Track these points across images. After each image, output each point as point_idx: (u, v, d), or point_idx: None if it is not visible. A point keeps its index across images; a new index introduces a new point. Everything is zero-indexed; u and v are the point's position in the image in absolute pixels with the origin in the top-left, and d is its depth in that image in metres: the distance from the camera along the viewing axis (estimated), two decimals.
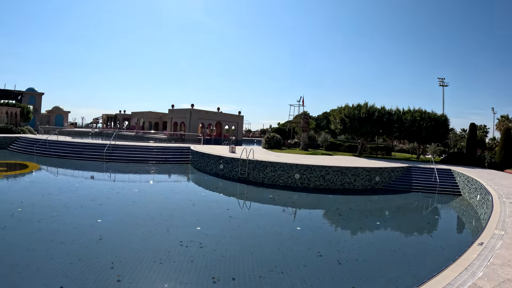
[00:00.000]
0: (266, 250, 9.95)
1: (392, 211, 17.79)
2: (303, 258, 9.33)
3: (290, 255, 9.55)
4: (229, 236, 11.08)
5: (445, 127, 34.03)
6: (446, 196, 21.67)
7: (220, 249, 9.64)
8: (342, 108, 36.02)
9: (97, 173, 24.23)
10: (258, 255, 9.46)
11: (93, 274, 7.57)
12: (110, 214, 12.97)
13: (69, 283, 7.12)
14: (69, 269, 7.77)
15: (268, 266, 8.62)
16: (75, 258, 8.38)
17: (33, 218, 11.62)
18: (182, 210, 14.31)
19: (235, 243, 10.48)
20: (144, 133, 60.23)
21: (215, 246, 9.89)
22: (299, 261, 9.08)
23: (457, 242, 11.77)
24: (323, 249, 10.29)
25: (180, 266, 8.29)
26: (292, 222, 13.54)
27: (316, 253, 9.81)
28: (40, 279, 7.26)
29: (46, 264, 7.99)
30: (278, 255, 9.51)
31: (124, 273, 7.72)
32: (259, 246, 10.32)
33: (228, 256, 9.16)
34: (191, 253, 9.20)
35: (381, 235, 13.02)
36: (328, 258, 9.52)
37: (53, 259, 8.27)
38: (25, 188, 17.71)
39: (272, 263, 8.82)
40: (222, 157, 24.57)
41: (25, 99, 74.79)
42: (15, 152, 33.51)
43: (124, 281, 7.31)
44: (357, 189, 21.65)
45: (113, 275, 7.55)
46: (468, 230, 14.65)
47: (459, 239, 12.46)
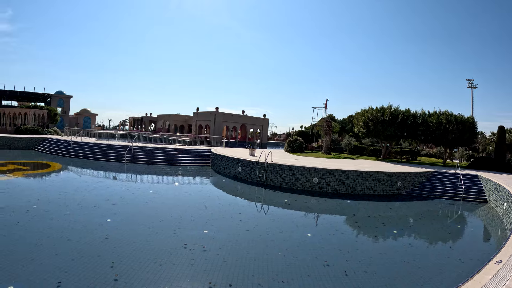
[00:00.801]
0: (271, 257, 9.55)
1: (411, 219, 16.79)
2: (308, 267, 8.89)
3: (295, 263, 9.14)
4: (234, 241, 10.82)
5: (473, 131, 32.44)
6: (471, 204, 20.53)
7: (223, 254, 9.45)
8: (365, 111, 35.09)
9: (116, 173, 24.53)
10: (261, 261, 9.13)
11: (92, 272, 7.68)
12: (120, 214, 13.13)
13: (67, 278, 7.25)
14: (70, 265, 7.94)
15: (269, 273, 8.31)
16: (77, 255, 8.59)
17: (46, 215, 12.07)
18: (193, 212, 14.17)
19: (240, 248, 10.20)
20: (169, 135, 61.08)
21: (218, 250, 9.70)
22: (303, 270, 8.66)
23: (478, 255, 10.73)
24: (331, 258, 9.78)
25: (178, 269, 8.20)
26: (304, 228, 12.95)
27: (323, 262, 9.35)
28: (40, 273, 7.47)
29: (50, 259, 8.24)
30: (282, 263, 9.13)
31: (122, 272, 7.75)
32: (264, 252, 9.95)
33: (230, 261, 8.94)
34: (192, 256, 9.08)
35: (396, 245, 12.16)
36: (335, 268, 9.01)
37: (57, 255, 8.51)
38: (44, 186, 18.46)
39: (274, 271, 8.48)
40: (240, 160, 24.36)
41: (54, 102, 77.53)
42: (41, 152, 34.82)
43: (120, 281, 7.33)
44: (378, 195, 20.84)
45: (111, 274, 7.62)
46: (492, 242, 13.52)
47: (481, 252, 11.29)
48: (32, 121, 47.85)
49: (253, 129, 67.58)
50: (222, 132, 61.31)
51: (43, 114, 50.15)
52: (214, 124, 57.46)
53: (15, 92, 70.82)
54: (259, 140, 66.54)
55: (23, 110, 49.00)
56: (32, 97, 73.74)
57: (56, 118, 54.90)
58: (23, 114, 48.11)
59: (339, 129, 53.30)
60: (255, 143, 63.61)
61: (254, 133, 69.02)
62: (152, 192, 18.39)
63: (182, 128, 74.44)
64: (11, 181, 18.48)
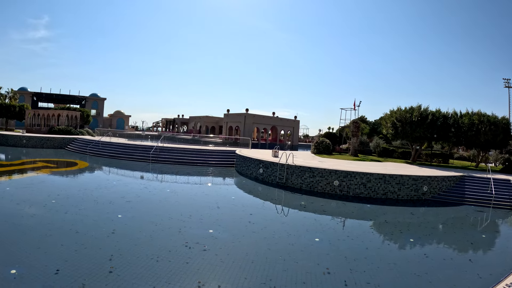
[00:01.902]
0: (270, 260, 9.27)
1: (432, 226, 15.48)
2: (307, 274, 8.51)
3: (293, 269, 8.79)
4: (237, 242, 10.69)
5: (507, 132, 30.36)
6: (501, 211, 18.98)
7: (221, 254, 9.37)
8: (393, 111, 33.66)
9: (138, 172, 25.01)
10: (259, 264, 8.89)
11: (91, 263, 8.08)
12: (132, 211, 13.51)
13: (66, 267, 7.72)
14: (72, 256, 8.42)
15: (263, 278, 8.07)
16: (81, 247, 9.06)
17: (61, 210, 12.75)
18: (204, 212, 14.16)
19: (241, 249, 10.02)
20: (200, 136, 61.87)
21: (218, 250, 9.64)
22: (299, 277, 8.31)
23: (500, 270, 9.58)
24: (334, 265, 9.28)
25: (172, 267, 8.27)
26: (313, 233, 12.47)
27: (325, 269, 8.91)
28: (43, 260, 8.04)
29: (54, 249, 8.79)
30: (280, 267, 8.82)
31: (118, 265, 8.04)
32: (264, 255, 9.68)
33: (227, 262, 8.82)
34: (190, 255, 9.12)
35: (409, 255, 11.19)
36: (335, 276, 8.54)
37: (62, 246, 9.05)
38: (66, 183, 19.45)
39: (268, 275, 8.20)
40: (262, 161, 24.15)
41: (89, 104, 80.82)
42: (71, 151, 36.32)
43: (114, 273, 7.62)
44: (402, 199, 19.90)
45: (107, 266, 7.95)
46: None
47: (502, 267, 10.04)
48: (65, 122, 50.09)
49: (284, 130, 67.09)
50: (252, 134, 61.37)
51: (75, 116, 52.39)
52: (244, 125, 57.54)
53: (51, 94, 74.45)
54: (290, 142, 66.04)
55: (56, 111, 51.35)
56: (67, 99, 77.33)
57: (88, 119, 57.09)
58: (56, 116, 50.34)
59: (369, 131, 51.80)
60: (285, 145, 63.25)
61: (285, 135, 68.50)
62: (169, 191, 18.70)
63: (214, 129, 75.11)
64: (37, 177, 19.73)
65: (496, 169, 31.21)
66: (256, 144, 54.81)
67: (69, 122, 50.84)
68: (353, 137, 36.26)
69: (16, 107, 55.89)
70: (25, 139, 38.65)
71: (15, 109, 55.54)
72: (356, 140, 36.33)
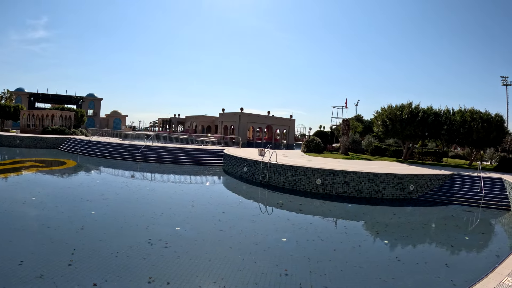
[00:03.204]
0: (228, 259, 9.03)
1: (412, 227, 14.55)
2: (262, 275, 8.16)
3: (249, 269, 8.48)
4: (201, 240, 10.57)
5: (501, 129, 29.55)
6: (491, 211, 18.30)
7: (180, 252, 9.34)
8: (384, 109, 33.09)
9: (124, 171, 25.03)
10: (215, 263, 8.74)
11: (53, 256, 8.40)
12: (107, 208, 13.73)
13: (30, 258, 8.14)
14: (38, 249, 8.83)
15: (215, 277, 7.92)
16: (49, 241, 9.49)
17: (39, 206, 13.24)
18: (177, 210, 14.31)
19: (202, 247, 9.91)
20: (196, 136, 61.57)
21: (179, 247, 9.64)
22: (253, 277, 7.99)
23: (476, 276, 8.39)
24: (294, 267, 8.87)
25: (128, 262, 8.38)
26: (282, 232, 12.11)
27: (283, 271, 8.53)
28: (10, 252, 8.47)
29: (23, 243, 9.24)
30: (236, 267, 8.54)
31: (78, 259, 8.25)
32: (224, 253, 9.46)
33: (183, 260, 8.79)
34: (150, 251, 9.18)
35: (380, 257, 10.35)
36: (291, 278, 8.14)
37: (31, 239, 9.52)
38: (50, 181, 19.74)
39: (221, 275, 8.02)
40: (246, 160, 23.78)
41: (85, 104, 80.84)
42: (63, 151, 36.30)
43: (72, 266, 7.86)
44: (387, 199, 19.40)
45: (67, 260, 8.18)
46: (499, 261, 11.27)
47: (480, 272, 8.68)
48: (59, 122, 50.21)
49: (279, 129, 66.63)
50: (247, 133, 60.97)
51: (69, 116, 52.55)
52: (239, 125, 57.17)
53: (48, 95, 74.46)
54: (285, 141, 65.59)
55: (50, 112, 51.50)
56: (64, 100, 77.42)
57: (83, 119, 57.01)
58: (50, 116, 50.42)
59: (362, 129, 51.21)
60: (281, 144, 62.79)
61: (281, 134, 68.00)
62: (148, 189, 18.73)
63: (209, 129, 74.82)
64: (23, 176, 20.21)
65: (490, 167, 30.60)
66: (251, 143, 54.42)
67: (63, 122, 51.03)
68: (343, 135, 35.71)
69: (11, 107, 56.00)
70: (19, 139, 38.75)
71: (10, 110, 55.62)
72: (346, 139, 35.80)
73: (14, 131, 47.44)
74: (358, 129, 49.09)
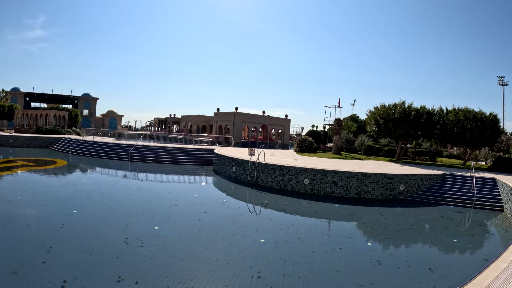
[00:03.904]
0: (201, 260, 8.93)
1: (399, 228, 13.86)
2: (233, 277, 7.97)
3: (221, 270, 8.32)
4: (177, 239, 10.47)
5: (495, 128, 29.14)
6: (483, 212, 17.76)
7: (155, 251, 9.22)
8: (377, 108, 32.76)
9: (112, 170, 24.88)
10: (188, 263, 8.60)
11: (30, 253, 8.54)
12: (90, 207, 13.72)
13: (6, 256, 8.26)
14: (16, 246, 8.95)
15: (185, 277, 7.77)
16: (26, 238, 9.56)
17: (23, 205, 13.36)
18: (159, 209, 14.10)
19: (177, 247, 9.79)
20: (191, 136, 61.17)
21: (154, 247, 9.52)
22: (224, 279, 7.84)
23: (460, 282, 7.86)
24: (268, 269, 8.57)
25: (101, 260, 8.37)
26: (262, 233, 11.81)
27: (255, 273, 8.26)
28: None
29: (3, 239, 9.33)
30: (208, 268, 8.43)
31: (51, 256, 8.33)
32: (198, 254, 9.32)
33: (156, 259, 8.67)
34: (124, 250, 9.15)
35: (360, 260, 9.80)
36: (263, 281, 7.85)
37: (11, 237, 9.62)
38: (37, 180, 19.74)
39: (192, 275, 7.90)
40: (234, 159, 23.46)
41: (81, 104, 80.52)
42: (55, 150, 36.00)
43: (47, 263, 7.97)
44: (376, 199, 19.06)
45: (42, 257, 8.27)
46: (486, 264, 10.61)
47: (465, 278, 7.97)
48: (52, 121, 49.93)
49: (274, 129, 66.20)
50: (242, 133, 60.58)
51: (63, 115, 52.24)
52: (234, 124, 56.73)
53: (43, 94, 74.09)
54: (281, 140, 65.19)
55: (44, 111, 51.21)
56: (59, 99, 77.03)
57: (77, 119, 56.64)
58: (44, 115, 50.12)
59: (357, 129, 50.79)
60: (276, 144, 62.40)
61: (277, 134, 67.57)
62: (134, 189, 18.70)
63: (205, 128, 74.33)
64: (12, 175, 20.27)
65: (485, 167, 30.21)
66: (246, 143, 54.04)
67: (57, 122, 50.73)
68: (336, 135, 35.37)
69: (5, 107, 55.61)
70: (12, 139, 38.56)
71: (4, 110, 55.29)
72: (338, 138, 35.46)
73: (8, 131, 47.21)
74: (352, 129, 48.73)
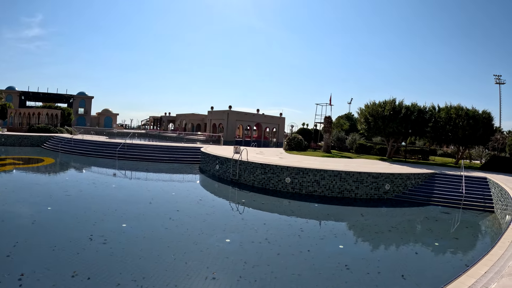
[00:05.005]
0: (159, 259, 8.65)
1: (377, 230, 13.02)
2: (186, 277, 7.74)
3: (176, 269, 8.11)
4: (141, 237, 10.29)
5: (488, 127, 28.46)
6: (472, 213, 16.83)
7: (115, 248, 9.19)
8: (367, 106, 32.09)
9: (97, 168, 24.96)
10: (145, 261, 8.41)
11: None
12: (65, 204, 13.82)
13: None
14: None
15: (138, 275, 7.60)
16: None
17: (1, 201, 13.41)
18: (132, 206, 13.98)
19: (138, 245, 9.59)
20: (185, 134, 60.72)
21: (117, 244, 9.50)
22: (176, 279, 7.61)
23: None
24: (225, 271, 8.22)
25: (62, 255, 8.39)
26: (229, 233, 11.36)
27: (210, 274, 7.96)
28: None
29: None
30: (164, 266, 8.19)
31: (18, 251, 8.44)
32: (157, 252, 9.09)
33: (115, 256, 8.65)
34: (86, 246, 9.13)
35: (327, 264, 9.16)
36: (215, 283, 7.54)
37: None
38: (20, 178, 19.63)
39: (145, 273, 7.71)
40: (218, 157, 23.07)
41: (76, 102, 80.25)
42: (46, 149, 35.79)
43: (10, 257, 8.07)
44: (360, 198, 18.49)
45: (7, 251, 8.35)
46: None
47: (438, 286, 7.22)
48: (45, 120, 49.78)
49: (269, 128, 65.70)
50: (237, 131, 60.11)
51: (56, 114, 52.16)
52: (227, 122, 56.25)
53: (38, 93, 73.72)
54: (275, 139, 64.70)
55: (37, 110, 51.20)
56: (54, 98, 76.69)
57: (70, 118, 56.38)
58: (37, 114, 50.02)
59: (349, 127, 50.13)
60: (270, 142, 61.91)
61: (271, 132, 67.04)
62: (114, 187, 18.70)
63: (199, 127, 73.81)
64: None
65: (478, 166, 29.56)
66: (240, 141, 53.59)
67: (49, 120, 50.60)
68: (325, 133, 34.78)
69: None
70: (4, 138, 38.20)
71: None
72: (328, 136, 34.89)
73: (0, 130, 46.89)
74: (344, 127, 48.17)
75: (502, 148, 32.42)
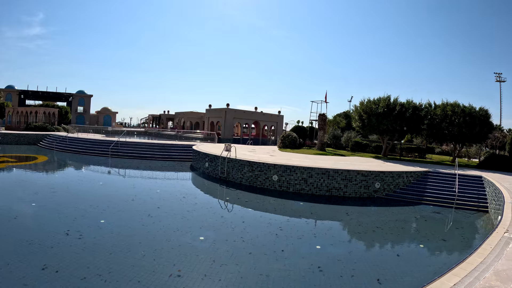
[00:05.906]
0: (129, 255, 8.63)
1: (360, 231, 12.64)
2: (151, 273, 7.62)
3: (143, 266, 8.02)
4: (117, 233, 10.34)
5: (485, 124, 27.81)
6: (464, 212, 16.15)
7: (89, 243, 9.23)
8: (361, 103, 31.51)
9: (88, 166, 25.12)
10: (115, 257, 8.44)
11: None
12: (49, 201, 13.97)
13: None
14: None
15: (103, 270, 7.63)
16: None
17: None
18: (113, 203, 14.12)
19: (111, 241, 9.65)
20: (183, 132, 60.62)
21: (91, 239, 9.55)
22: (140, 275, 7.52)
23: None
24: (190, 269, 8.06)
25: (37, 249, 8.55)
26: (204, 230, 11.15)
27: (175, 271, 7.83)
28: None
29: None
30: (130, 263, 8.16)
31: None
32: (129, 248, 9.08)
33: (86, 251, 8.67)
34: (61, 241, 9.25)
35: (299, 267, 8.67)
36: (179, 281, 7.39)
37: None
38: (11, 175, 19.83)
39: (110, 269, 7.71)
40: (207, 155, 22.88)
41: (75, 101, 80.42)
42: (41, 147, 35.99)
43: None
44: (349, 197, 18.11)
45: None
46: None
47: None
48: (42, 119, 49.97)
49: (267, 126, 65.42)
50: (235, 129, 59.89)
51: (53, 112, 52.39)
52: (225, 120, 56.02)
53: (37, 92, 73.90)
54: (273, 136, 64.46)
55: (34, 108, 51.36)
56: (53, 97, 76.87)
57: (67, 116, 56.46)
58: (34, 113, 50.20)
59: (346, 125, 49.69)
60: (269, 140, 61.64)
61: (269, 130, 66.74)
62: (101, 184, 18.66)
63: (198, 125, 73.66)
64: None
65: (474, 164, 29.06)
66: (238, 139, 53.38)
67: (46, 119, 50.81)
68: (320, 130, 34.42)
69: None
70: (1, 136, 38.23)
71: None
72: (322, 134, 34.52)
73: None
74: (340, 125, 47.74)
75: (502, 146, 31.76)
